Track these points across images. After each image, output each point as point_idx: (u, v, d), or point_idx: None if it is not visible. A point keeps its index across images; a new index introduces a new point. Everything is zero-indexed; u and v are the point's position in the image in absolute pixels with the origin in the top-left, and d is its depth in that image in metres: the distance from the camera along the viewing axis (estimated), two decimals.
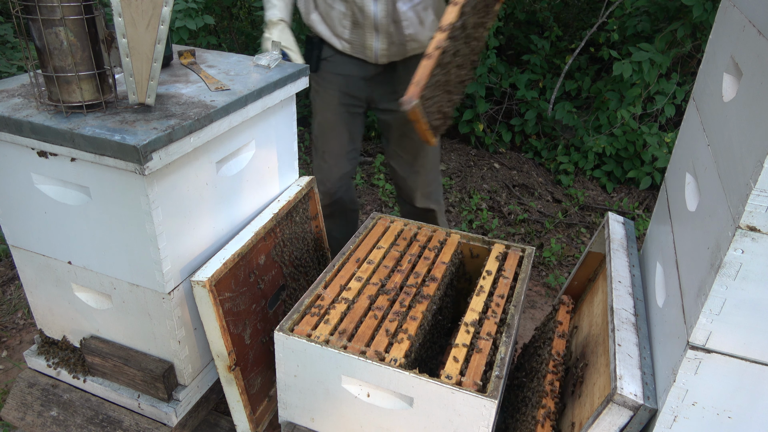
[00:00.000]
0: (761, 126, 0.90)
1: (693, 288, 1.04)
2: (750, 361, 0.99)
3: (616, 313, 1.33)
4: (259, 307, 1.72)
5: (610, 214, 1.74)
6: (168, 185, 1.38)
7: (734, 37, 1.18)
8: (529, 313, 2.88)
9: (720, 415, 1.05)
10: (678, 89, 3.82)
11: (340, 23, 2.07)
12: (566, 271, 3.22)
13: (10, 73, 3.88)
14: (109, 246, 1.44)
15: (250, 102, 1.56)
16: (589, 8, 4.60)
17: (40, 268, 1.61)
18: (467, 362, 1.33)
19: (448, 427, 1.29)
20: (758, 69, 0.99)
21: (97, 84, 1.36)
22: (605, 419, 1.13)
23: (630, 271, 1.50)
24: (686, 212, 1.24)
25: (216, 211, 1.60)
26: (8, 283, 2.87)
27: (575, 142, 4.11)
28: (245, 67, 1.76)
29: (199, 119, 1.38)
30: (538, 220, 3.63)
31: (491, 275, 1.66)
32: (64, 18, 1.25)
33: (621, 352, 1.21)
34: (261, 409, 1.77)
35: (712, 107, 1.25)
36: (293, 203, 1.87)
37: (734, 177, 0.97)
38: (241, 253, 1.59)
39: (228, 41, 4.69)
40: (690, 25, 3.64)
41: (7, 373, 2.39)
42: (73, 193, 1.41)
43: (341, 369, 1.34)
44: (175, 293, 1.48)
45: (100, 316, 1.62)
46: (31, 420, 1.70)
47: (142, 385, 1.61)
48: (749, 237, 0.90)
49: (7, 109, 1.36)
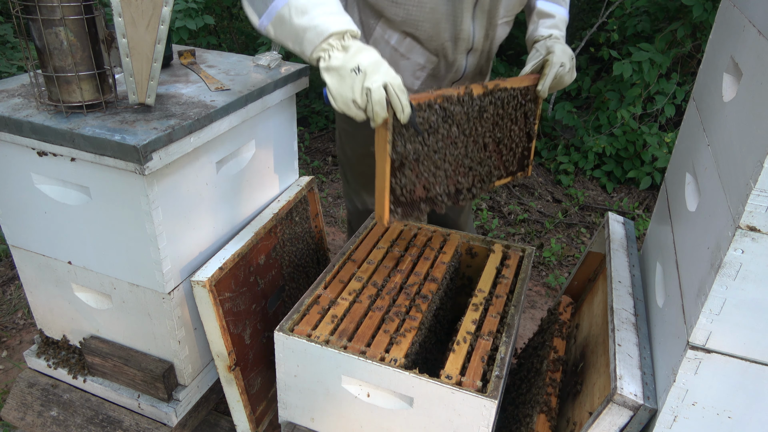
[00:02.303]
0: (761, 126, 0.90)
1: (693, 288, 1.04)
2: (750, 361, 0.99)
3: (616, 313, 1.33)
4: (259, 307, 1.72)
5: (610, 214, 1.74)
6: (168, 185, 1.38)
7: (734, 37, 1.18)
8: (529, 313, 2.88)
9: (720, 415, 1.05)
10: (678, 89, 3.82)
11: (413, 74, 1.74)
12: (566, 271, 3.22)
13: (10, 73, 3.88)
14: (109, 246, 1.44)
15: (250, 102, 1.56)
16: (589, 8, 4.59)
17: (40, 268, 1.61)
18: (467, 362, 1.33)
19: (448, 427, 1.29)
20: (758, 69, 0.99)
21: (97, 84, 1.36)
22: (605, 419, 1.13)
23: (630, 271, 1.50)
24: (686, 212, 1.23)
25: (216, 211, 1.60)
26: (8, 283, 2.87)
27: (575, 142, 4.11)
28: (245, 67, 1.76)
29: (199, 119, 1.38)
30: (538, 220, 3.64)
31: (491, 275, 1.66)
32: (64, 18, 1.25)
33: (621, 352, 1.21)
34: (261, 409, 1.77)
35: (712, 107, 1.25)
36: (293, 203, 1.87)
37: (734, 177, 0.97)
38: (241, 253, 1.59)
39: (228, 41, 4.69)
40: (690, 25, 3.64)
41: (7, 373, 2.39)
42: (73, 193, 1.41)
43: (341, 369, 1.34)
44: (175, 293, 1.48)
45: (100, 316, 1.62)
46: (31, 420, 1.70)
47: (142, 385, 1.61)
48: (749, 237, 0.90)
49: (7, 109, 1.36)
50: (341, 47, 1.28)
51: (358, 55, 1.27)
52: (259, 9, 1.34)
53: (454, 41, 1.67)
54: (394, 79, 1.27)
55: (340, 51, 1.28)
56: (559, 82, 1.68)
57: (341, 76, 1.27)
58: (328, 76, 1.28)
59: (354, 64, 1.25)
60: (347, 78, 1.26)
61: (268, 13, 1.33)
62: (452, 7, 1.59)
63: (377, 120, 1.27)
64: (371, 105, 1.25)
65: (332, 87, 1.28)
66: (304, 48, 1.30)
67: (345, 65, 1.26)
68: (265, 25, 1.35)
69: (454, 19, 1.62)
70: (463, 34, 1.66)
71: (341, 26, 1.27)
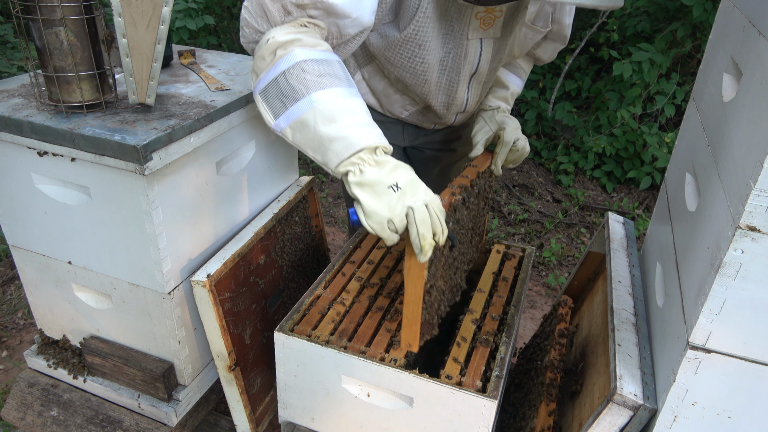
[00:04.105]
0: (761, 126, 0.90)
1: (693, 288, 1.04)
2: (750, 361, 0.99)
3: (616, 313, 1.33)
4: (259, 307, 1.72)
5: (610, 214, 1.74)
6: (168, 185, 1.38)
7: (734, 37, 1.18)
8: (529, 313, 2.88)
9: (720, 415, 1.05)
10: (678, 89, 3.82)
11: (403, 107, 1.73)
12: (566, 271, 3.22)
13: (10, 73, 3.89)
14: (109, 246, 1.44)
15: (250, 102, 1.56)
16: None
17: (40, 268, 1.61)
18: (467, 362, 1.33)
19: (448, 427, 1.29)
20: (758, 69, 0.99)
21: (97, 84, 1.36)
22: (605, 419, 1.13)
23: (630, 271, 1.50)
24: (686, 212, 1.24)
25: (216, 211, 1.60)
26: (8, 283, 2.87)
27: (575, 142, 4.11)
28: (245, 67, 1.76)
29: (199, 119, 1.38)
30: (538, 220, 3.64)
31: (491, 275, 1.66)
32: (64, 18, 1.25)
33: (621, 352, 1.21)
34: (261, 409, 1.77)
35: (712, 107, 1.25)
36: (293, 203, 1.87)
37: (734, 177, 0.97)
38: (241, 253, 1.59)
39: (228, 41, 4.69)
40: (690, 25, 3.64)
41: (7, 373, 2.39)
42: (73, 193, 1.41)
43: (341, 369, 1.34)
44: (175, 293, 1.48)
45: (100, 316, 1.62)
46: (31, 420, 1.70)
47: (142, 385, 1.61)
48: (749, 237, 0.90)
49: (7, 109, 1.36)
50: (374, 162, 1.13)
51: (395, 172, 1.13)
52: (276, 110, 1.21)
53: (446, 106, 1.66)
54: (434, 200, 1.14)
55: (373, 166, 1.13)
56: (516, 158, 1.66)
57: (377, 193, 1.11)
58: (362, 192, 1.12)
59: (392, 181, 1.12)
60: (384, 195, 1.11)
61: (287, 115, 1.19)
62: (448, 80, 1.57)
63: (424, 245, 1.12)
64: (415, 226, 1.11)
65: (367, 204, 1.12)
66: (328, 159, 1.15)
67: (382, 181, 1.11)
68: (281, 127, 1.21)
69: (449, 89, 1.60)
70: (456, 101, 1.64)
71: (373, 141, 1.13)
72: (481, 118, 1.69)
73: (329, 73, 1.19)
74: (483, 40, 1.50)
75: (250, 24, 1.26)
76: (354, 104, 1.18)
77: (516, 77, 1.79)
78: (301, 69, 1.17)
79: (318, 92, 1.16)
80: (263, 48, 1.22)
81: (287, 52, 1.19)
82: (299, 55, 1.18)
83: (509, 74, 1.79)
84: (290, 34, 1.21)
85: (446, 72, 1.55)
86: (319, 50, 1.21)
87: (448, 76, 1.56)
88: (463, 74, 1.56)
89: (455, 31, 1.46)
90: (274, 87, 1.20)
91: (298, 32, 1.22)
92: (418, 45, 1.45)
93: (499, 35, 1.52)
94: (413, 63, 1.50)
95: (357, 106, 1.19)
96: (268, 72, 1.22)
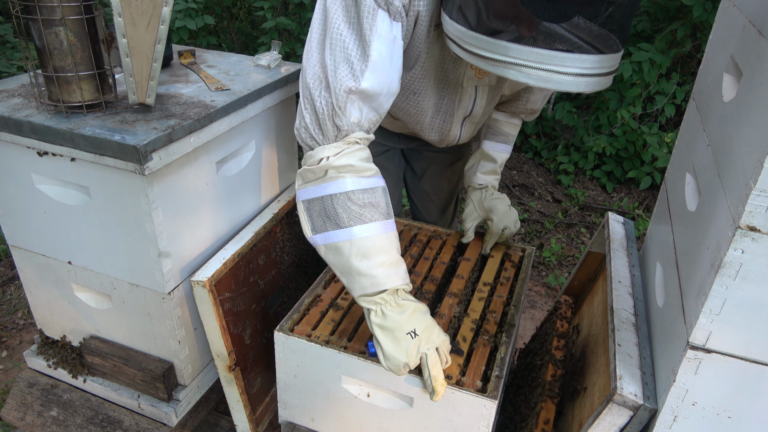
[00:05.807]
0: (761, 126, 0.90)
1: (693, 288, 1.04)
2: (750, 361, 0.99)
3: (616, 313, 1.33)
4: (259, 307, 1.72)
5: (610, 214, 1.74)
6: (168, 185, 1.38)
7: (734, 37, 1.18)
8: (529, 313, 2.88)
9: (720, 415, 1.05)
10: (678, 89, 3.82)
11: (399, 129, 1.81)
12: (566, 271, 3.22)
13: (10, 73, 3.89)
14: (109, 246, 1.44)
15: (250, 102, 1.56)
16: None
17: (40, 268, 1.61)
18: (467, 362, 1.33)
19: (448, 427, 1.29)
20: (758, 69, 0.99)
21: (97, 84, 1.36)
22: (605, 419, 1.13)
23: (630, 271, 1.50)
24: (686, 212, 1.23)
25: (216, 211, 1.60)
26: (8, 283, 2.87)
27: (575, 142, 4.11)
28: (245, 67, 1.76)
29: (199, 119, 1.38)
30: (538, 220, 3.64)
31: (491, 275, 1.66)
32: (64, 18, 1.25)
33: (621, 352, 1.21)
34: (261, 409, 1.77)
35: (712, 107, 1.25)
36: (293, 203, 1.87)
37: (734, 177, 0.97)
38: (241, 253, 1.59)
39: (228, 41, 4.69)
40: (690, 25, 3.64)
41: (7, 373, 2.39)
42: (73, 193, 1.41)
43: (341, 369, 1.34)
44: (175, 293, 1.48)
45: (100, 316, 1.62)
46: (31, 420, 1.70)
47: (142, 385, 1.61)
48: (749, 237, 0.90)
49: (7, 109, 1.35)
50: (395, 304, 1.22)
51: (413, 317, 1.22)
52: (317, 226, 1.26)
53: (439, 141, 1.69)
54: (444, 342, 1.25)
55: (394, 308, 1.22)
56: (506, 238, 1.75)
57: (396, 339, 1.21)
58: (383, 336, 1.22)
59: (410, 327, 1.21)
60: (402, 341, 1.20)
61: (325, 236, 1.25)
62: (441, 121, 1.59)
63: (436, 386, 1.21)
64: (427, 369, 1.21)
65: (386, 349, 1.22)
66: (353, 288, 1.24)
67: (401, 327, 1.20)
68: (317, 242, 1.28)
69: (442, 128, 1.62)
70: (449, 138, 1.67)
71: (397, 282, 1.22)
72: (471, 202, 1.76)
73: (372, 203, 1.24)
74: (478, 87, 1.52)
75: (309, 130, 1.25)
76: (387, 242, 1.24)
77: (503, 145, 1.80)
78: (347, 197, 1.22)
79: (358, 227, 1.22)
80: (315, 165, 1.24)
81: (338, 178, 1.23)
82: (349, 185, 1.22)
83: (495, 145, 1.79)
84: (343, 157, 1.23)
85: (440, 114, 1.57)
86: (367, 177, 1.25)
87: (441, 118, 1.59)
88: (456, 117, 1.58)
89: (450, 79, 1.47)
90: (319, 205, 1.25)
91: (351, 153, 1.23)
92: (413, 92, 1.48)
93: (495, 83, 1.54)
94: (407, 105, 1.53)
95: (389, 243, 1.25)
96: (317, 187, 1.25)
